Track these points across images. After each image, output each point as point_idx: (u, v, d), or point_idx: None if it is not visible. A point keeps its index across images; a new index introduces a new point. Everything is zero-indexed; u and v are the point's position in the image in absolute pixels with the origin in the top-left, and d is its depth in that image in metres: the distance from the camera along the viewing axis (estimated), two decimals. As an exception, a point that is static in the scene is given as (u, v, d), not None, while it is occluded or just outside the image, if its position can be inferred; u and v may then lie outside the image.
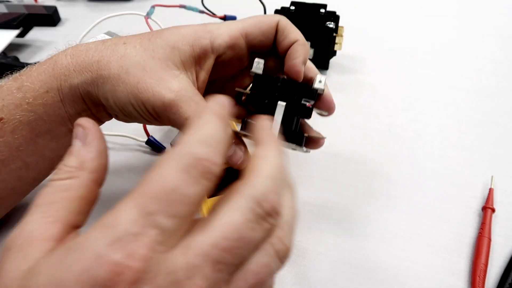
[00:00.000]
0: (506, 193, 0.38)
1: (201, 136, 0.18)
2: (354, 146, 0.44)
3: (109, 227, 0.15)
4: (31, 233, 0.18)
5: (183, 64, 0.29)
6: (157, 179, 0.16)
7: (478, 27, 0.66)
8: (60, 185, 0.19)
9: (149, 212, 0.15)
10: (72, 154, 0.20)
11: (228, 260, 0.16)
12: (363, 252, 0.34)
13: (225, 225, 0.17)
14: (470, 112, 0.48)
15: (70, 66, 0.29)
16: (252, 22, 0.30)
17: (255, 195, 0.18)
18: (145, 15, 0.53)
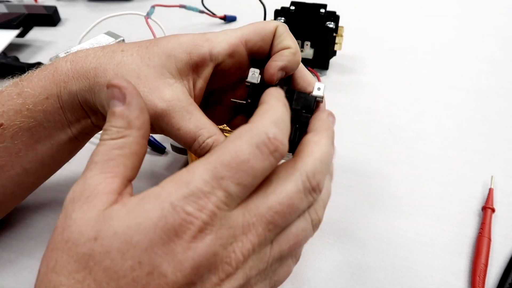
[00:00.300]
0: (506, 193, 0.38)
1: (274, 118, 0.20)
2: (354, 146, 0.44)
3: (184, 183, 0.18)
4: (95, 187, 0.20)
5: (179, 72, 0.28)
6: (232, 150, 0.19)
7: (478, 27, 0.66)
8: (114, 143, 0.21)
9: (220, 177, 0.18)
10: (117, 116, 0.22)
11: (278, 221, 0.20)
12: (363, 252, 0.34)
13: (281, 192, 0.20)
14: (470, 112, 0.48)
15: (70, 72, 0.29)
16: (251, 28, 0.29)
17: (307, 171, 0.21)
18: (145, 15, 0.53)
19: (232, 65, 0.29)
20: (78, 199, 0.20)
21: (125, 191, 0.21)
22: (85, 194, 0.20)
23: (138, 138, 0.22)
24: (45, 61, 0.53)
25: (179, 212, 0.18)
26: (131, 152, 0.21)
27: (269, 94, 0.23)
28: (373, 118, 0.48)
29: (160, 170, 0.41)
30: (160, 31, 0.54)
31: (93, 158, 0.21)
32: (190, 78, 0.28)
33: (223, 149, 0.19)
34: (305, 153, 0.22)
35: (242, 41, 0.28)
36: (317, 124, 0.25)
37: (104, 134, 0.22)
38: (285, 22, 0.51)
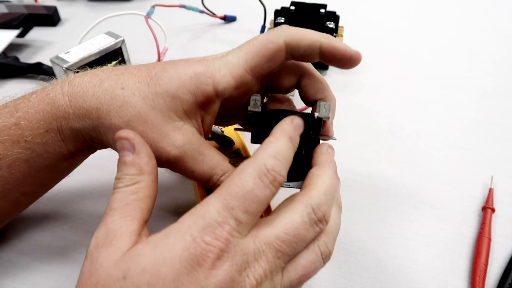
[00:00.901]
0: (506, 193, 0.38)
1: (274, 151, 0.23)
2: (354, 146, 0.44)
3: (201, 216, 0.20)
4: (116, 230, 0.22)
5: (186, 113, 0.27)
6: (238, 182, 0.21)
7: (478, 27, 0.66)
8: (129, 189, 0.23)
9: (230, 207, 0.21)
10: (129, 164, 0.24)
11: (285, 250, 0.22)
12: (363, 252, 0.34)
13: (286, 223, 0.22)
14: (470, 112, 0.48)
15: (69, 109, 0.27)
16: (253, 51, 0.27)
17: (312, 204, 0.23)
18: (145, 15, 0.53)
19: (240, 94, 0.28)
20: (102, 244, 0.21)
21: (143, 232, 0.22)
22: (109, 238, 0.21)
23: (150, 182, 0.24)
24: (45, 61, 0.53)
25: (199, 243, 0.20)
26: (145, 196, 0.23)
27: (279, 126, 0.25)
28: (373, 118, 0.48)
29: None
30: (160, 31, 0.54)
31: (111, 205, 0.23)
32: (198, 117, 0.28)
33: (230, 181, 0.21)
34: (310, 186, 0.24)
35: (247, 69, 0.27)
36: (319, 158, 0.26)
37: (118, 182, 0.23)
38: (285, 22, 0.51)
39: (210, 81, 0.26)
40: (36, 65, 0.53)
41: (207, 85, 0.26)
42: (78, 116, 0.27)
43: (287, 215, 0.22)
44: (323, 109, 0.27)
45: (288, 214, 0.22)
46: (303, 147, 0.27)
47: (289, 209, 0.23)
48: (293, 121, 0.25)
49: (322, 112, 0.27)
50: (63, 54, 0.44)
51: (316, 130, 0.27)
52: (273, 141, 0.23)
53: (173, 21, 0.62)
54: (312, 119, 0.27)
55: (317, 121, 0.27)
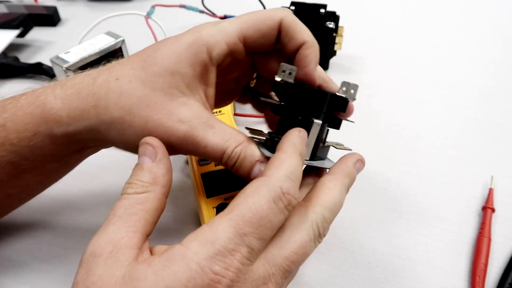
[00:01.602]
0: (506, 193, 0.38)
1: (287, 172, 0.21)
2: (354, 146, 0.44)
3: (210, 241, 0.19)
4: (118, 241, 0.20)
5: (188, 87, 0.26)
6: (252, 206, 0.20)
7: (478, 27, 0.66)
8: (138, 198, 0.22)
9: (243, 233, 0.19)
10: (145, 170, 0.23)
11: (293, 269, 0.21)
12: (363, 252, 0.34)
13: (296, 242, 0.21)
14: (470, 112, 0.48)
15: (62, 112, 0.26)
16: (251, 22, 0.27)
17: (318, 221, 0.22)
18: (145, 15, 0.53)
19: (231, 62, 0.28)
20: (100, 253, 0.20)
21: (144, 246, 0.21)
22: (108, 248, 0.20)
23: (160, 195, 0.23)
24: (45, 61, 0.53)
25: (207, 273, 0.18)
26: (153, 208, 0.22)
27: (288, 141, 0.24)
28: (373, 118, 0.48)
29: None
30: (160, 31, 0.54)
31: (116, 211, 0.21)
32: (201, 90, 0.27)
33: (243, 204, 0.20)
34: (317, 200, 0.23)
35: (241, 37, 0.27)
36: (340, 167, 0.26)
37: (129, 187, 0.22)
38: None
39: (204, 49, 0.26)
40: (36, 65, 0.53)
41: (202, 53, 0.26)
42: (72, 119, 0.26)
43: (295, 233, 0.22)
44: (350, 91, 0.26)
45: (296, 232, 0.22)
46: (327, 123, 0.27)
47: (296, 225, 0.22)
48: (300, 133, 0.24)
49: (349, 94, 0.26)
50: (63, 54, 0.44)
51: (341, 109, 0.26)
52: (285, 158, 0.22)
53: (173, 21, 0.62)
54: (340, 99, 0.26)
55: (343, 102, 0.26)
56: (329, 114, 0.26)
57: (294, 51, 0.27)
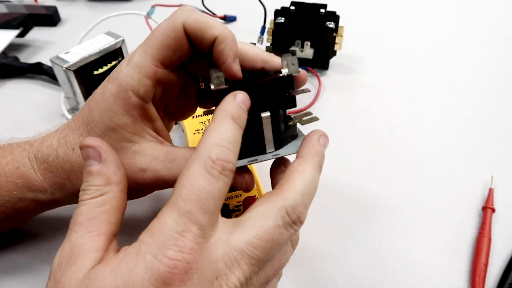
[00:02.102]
0: (506, 193, 0.38)
1: (216, 139, 0.20)
2: (354, 146, 0.44)
3: (158, 230, 0.19)
4: (81, 247, 0.20)
5: (135, 134, 0.26)
6: (186, 183, 0.19)
7: (478, 27, 0.66)
8: (95, 202, 0.21)
9: (187, 211, 0.19)
10: (95, 174, 0.22)
11: (259, 256, 0.20)
12: (363, 252, 0.34)
13: (259, 227, 0.20)
14: (470, 112, 0.48)
15: (45, 184, 0.28)
16: (158, 44, 0.25)
17: (286, 206, 0.21)
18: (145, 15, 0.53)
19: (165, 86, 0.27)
20: (66, 262, 0.20)
21: (110, 247, 0.21)
22: (73, 255, 0.20)
23: (118, 193, 0.22)
24: (45, 61, 0.53)
25: (162, 260, 0.18)
26: (113, 208, 0.22)
27: (219, 107, 0.22)
28: (373, 118, 0.48)
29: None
30: (160, 31, 0.54)
31: (76, 219, 0.21)
32: (148, 128, 0.27)
33: (179, 185, 0.19)
34: (287, 185, 0.22)
35: (158, 65, 0.25)
36: (306, 148, 0.24)
37: (84, 194, 0.22)
38: (285, 22, 0.51)
39: (129, 93, 0.25)
40: (36, 65, 0.53)
41: (130, 98, 0.25)
42: (55, 189, 0.28)
43: (259, 219, 0.21)
44: (291, 65, 0.25)
45: (260, 218, 0.21)
46: (279, 108, 0.25)
47: (262, 212, 0.21)
48: (236, 97, 0.23)
49: (291, 68, 0.25)
50: (63, 54, 0.44)
51: (289, 87, 0.25)
52: (214, 127, 0.21)
53: (173, 21, 0.62)
54: (282, 78, 0.25)
55: (288, 79, 0.25)
56: (278, 99, 0.25)
57: (209, 47, 0.25)
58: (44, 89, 0.52)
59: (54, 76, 0.46)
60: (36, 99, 0.50)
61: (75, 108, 0.47)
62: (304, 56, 0.53)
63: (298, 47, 0.53)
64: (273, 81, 0.25)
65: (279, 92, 0.25)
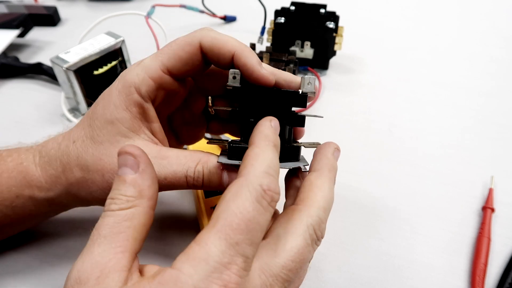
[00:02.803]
0: (506, 193, 0.38)
1: (265, 167, 0.20)
2: (354, 146, 0.44)
3: (202, 260, 0.17)
4: (105, 264, 0.19)
5: (131, 130, 0.26)
6: (237, 211, 0.18)
7: (478, 27, 0.66)
8: (123, 214, 0.20)
9: (235, 242, 0.18)
10: (128, 183, 0.21)
11: (292, 277, 0.20)
12: (363, 252, 0.34)
13: (292, 249, 0.21)
14: (470, 112, 0.48)
15: (41, 178, 0.28)
16: (170, 53, 0.26)
17: (313, 224, 0.22)
18: (145, 15, 0.54)
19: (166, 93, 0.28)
20: (86, 279, 0.18)
21: (133, 267, 0.20)
22: (95, 273, 0.18)
23: (147, 209, 0.21)
24: (45, 61, 0.53)
25: None
26: (140, 224, 0.20)
27: (260, 132, 0.22)
28: (373, 118, 0.48)
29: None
30: (160, 31, 0.54)
31: (100, 231, 0.20)
32: (145, 128, 0.27)
33: (227, 211, 0.19)
34: (309, 201, 0.22)
35: (165, 70, 0.26)
36: (321, 162, 0.25)
37: (112, 203, 0.20)
38: (285, 22, 0.51)
39: (132, 90, 0.26)
40: (36, 65, 0.53)
41: (132, 94, 0.26)
42: (50, 184, 0.28)
43: (290, 240, 0.21)
44: (307, 84, 0.25)
45: (291, 238, 0.21)
46: (286, 125, 0.25)
47: (291, 231, 0.21)
48: (271, 123, 0.23)
49: (307, 87, 0.25)
50: (63, 54, 0.44)
51: (301, 106, 0.25)
52: (260, 153, 0.21)
53: (173, 21, 0.62)
54: (296, 95, 0.25)
55: (302, 97, 0.25)
56: (286, 114, 0.25)
57: (228, 64, 0.26)
58: (44, 89, 0.52)
59: (54, 76, 0.46)
60: (36, 99, 0.50)
61: (75, 108, 0.47)
62: (304, 56, 0.53)
63: (298, 47, 0.53)
64: (286, 94, 0.25)
65: (288, 108, 0.25)
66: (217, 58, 0.26)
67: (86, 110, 0.47)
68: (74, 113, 0.47)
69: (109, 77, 0.47)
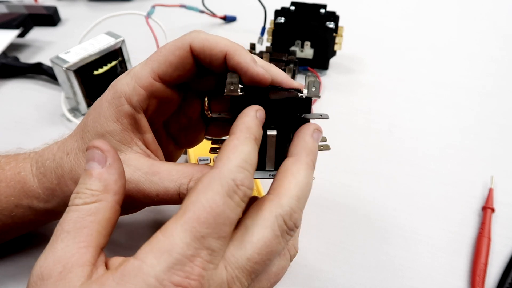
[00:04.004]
0: (506, 193, 0.38)
1: (240, 161, 0.19)
2: (354, 146, 0.44)
3: (166, 251, 0.17)
4: (68, 259, 0.18)
5: (122, 142, 0.25)
6: (206, 204, 0.18)
7: (478, 27, 0.66)
8: (87, 209, 0.20)
9: (201, 235, 0.18)
10: (94, 177, 0.21)
11: (259, 269, 0.20)
12: (363, 252, 0.34)
13: (258, 241, 0.20)
14: (470, 112, 0.48)
15: (39, 190, 0.27)
16: (160, 59, 0.25)
17: (283, 214, 0.20)
18: (145, 15, 0.53)
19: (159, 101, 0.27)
20: (49, 275, 0.18)
21: (98, 261, 0.19)
22: (57, 269, 0.18)
23: (113, 203, 0.21)
24: (45, 61, 0.53)
25: (167, 286, 0.17)
26: (105, 219, 0.20)
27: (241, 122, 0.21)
28: (373, 118, 0.48)
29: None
30: (160, 31, 0.54)
31: (64, 226, 0.19)
32: (137, 139, 0.26)
33: (196, 204, 0.18)
34: (281, 190, 0.21)
35: (155, 78, 0.25)
36: (299, 145, 0.23)
37: (76, 197, 0.20)
38: (285, 22, 0.51)
39: (122, 100, 0.25)
40: (36, 65, 0.53)
41: (123, 105, 0.25)
42: (47, 196, 0.27)
43: (257, 231, 0.20)
44: (312, 88, 0.24)
45: (258, 230, 0.20)
46: (290, 131, 0.24)
47: (258, 222, 0.20)
48: (257, 113, 0.22)
49: (311, 91, 0.24)
50: (63, 54, 0.44)
51: (305, 110, 0.24)
52: (238, 145, 0.20)
53: (173, 21, 0.62)
54: (300, 98, 0.24)
55: (306, 101, 0.24)
56: (289, 119, 0.24)
57: (221, 65, 0.25)
58: (44, 89, 0.52)
59: (54, 76, 0.46)
60: (36, 99, 0.50)
61: (75, 108, 0.47)
62: (304, 56, 0.53)
63: (298, 47, 0.53)
64: (289, 100, 0.24)
65: (292, 113, 0.24)
66: (210, 59, 0.25)
67: (86, 110, 0.47)
68: (74, 113, 0.47)
69: (109, 77, 0.47)
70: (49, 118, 0.47)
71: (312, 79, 0.24)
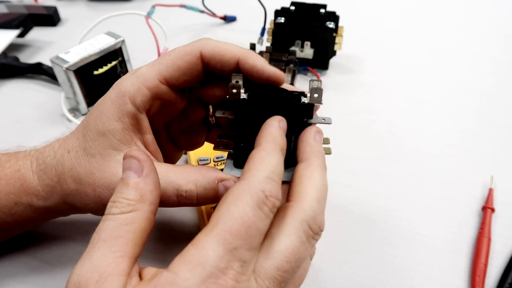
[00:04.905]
0: (506, 193, 0.38)
1: (268, 173, 0.20)
2: (354, 146, 0.44)
3: (199, 264, 0.17)
4: (104, 268, 0.18)
5: (123, 142, 0.26)
6: (237, 215, 0.18)
7: (478, 27, 0.66)
8: (124, 218, 0.20)
9: (233, 247, 0.18)
10: (131, 187, 0.21)
11: (288, 278, 0.20)
12: (363, 252, 0.34)
13: (286, 249, 0.20)
14: (470, 112, 0.48)
15: (39, 187, 0.28)
16: (169, 62, 0.26)
17: (306, 219, 0.21)
18: (146, 15, 0.53)
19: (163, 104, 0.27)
20: (86, 284, 0.18)
21: (133, 270, 0.19)
22: (94, 277, 0.18)
23: (148, 214, 0.21)
24: (45, 61, 0.53)
25: None
26: (141, 229, 0.20)
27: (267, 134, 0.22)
28: (373, 118, 0.48)
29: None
30: (160, 31, 0.54)
31: (100, 235, 0.20)
32: (137, 140, 0.26)
33: (227, 215, 0.18)
34: (301, 195, 0.21)
35: (162, 80, 0.26)
36: (306, 150, 0.23)
37: (113, 206, 0.20)
38: (285, 22, 0.51)
39: (126, 100, 0.25)
40: (36, 65, 0.53)
41: (126, 104, 0.25)
42: (47, 193, 0.27)
43: (283, 239, 0.20)
44: (314, 94, 0.24)
45: (284, 238, 0.20)
46: (292, 134, 0.25)
47: (283, 230, 0.20)
48: (280, 123, 0.23)
49: (313, 98, 0.24)
50: (63, 54, 0.44)
51: (307, 115, 0.25)
52: (265, 157, 0.21)
53: (173, 21, 0.62)
54: (302, 104, 0.24)
55: (308, 107, 0.24)
56: (292, 123, 0.24)
57: (231, 71, 0.26)
58: (44, 89, 0.52)
59: (54, 76, 0.46)
60: (36, 99, 0.50)
61: (75, 108, 0.47)
62: (304, 56, 0.53)
63: (298, 47, 0.53)
64: (291, 105, 0.24)
65: (295, 117, 0.25)
66: (221, 65, 0.25)
67: (86, 110, 0.47)
68: (74, 113, 0.47)
69: (109, 77, 0.47)
70: (49, 118, 0.47)
71: (315, 86, 0.24)
